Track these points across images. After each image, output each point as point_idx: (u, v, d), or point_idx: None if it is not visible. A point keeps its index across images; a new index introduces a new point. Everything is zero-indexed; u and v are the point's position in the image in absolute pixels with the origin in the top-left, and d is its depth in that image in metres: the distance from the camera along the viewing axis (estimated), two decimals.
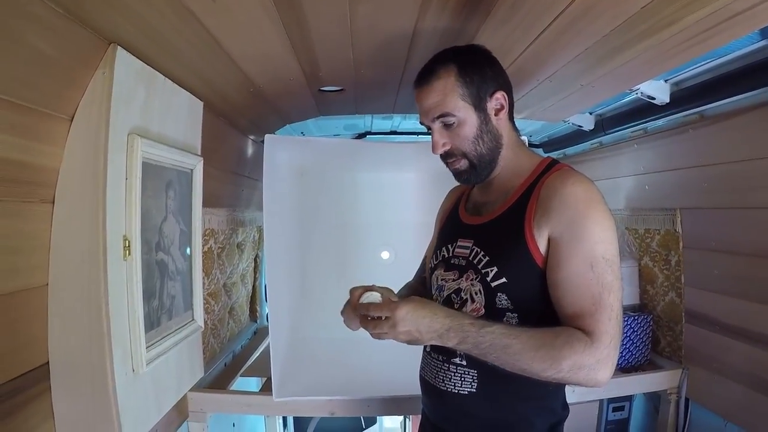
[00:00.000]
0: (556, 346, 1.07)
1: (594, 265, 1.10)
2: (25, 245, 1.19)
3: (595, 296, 1.09)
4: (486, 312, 1.21)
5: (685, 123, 2.10)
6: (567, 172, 1.20)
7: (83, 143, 1.25)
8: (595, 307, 1.09)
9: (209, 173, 1.92)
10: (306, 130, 3.11)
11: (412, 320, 1.12)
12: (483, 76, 1.24)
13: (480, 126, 1.25)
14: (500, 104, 1.27)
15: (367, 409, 2.09)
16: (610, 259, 1.11)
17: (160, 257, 1.57)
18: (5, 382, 1.14)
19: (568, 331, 1.10)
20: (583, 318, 1.10)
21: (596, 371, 1.07)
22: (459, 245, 1.33)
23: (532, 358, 1.08)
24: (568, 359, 1.06)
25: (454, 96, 1.23)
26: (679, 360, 2.31)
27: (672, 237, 2.31)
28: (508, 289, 1.18)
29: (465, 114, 1.24)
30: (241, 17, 1.29)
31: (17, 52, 1.01)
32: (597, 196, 1.14)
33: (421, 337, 1.13)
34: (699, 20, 1.21)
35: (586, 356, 1.06)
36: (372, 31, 1.44)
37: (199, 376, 2.01)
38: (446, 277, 1.33)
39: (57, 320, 1.27)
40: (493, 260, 1.22)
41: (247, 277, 3.16)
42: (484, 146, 1.27)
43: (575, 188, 1.14)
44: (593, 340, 1.07)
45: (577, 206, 1.12)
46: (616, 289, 1.11)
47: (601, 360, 1.07)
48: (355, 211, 2.98)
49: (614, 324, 1.09)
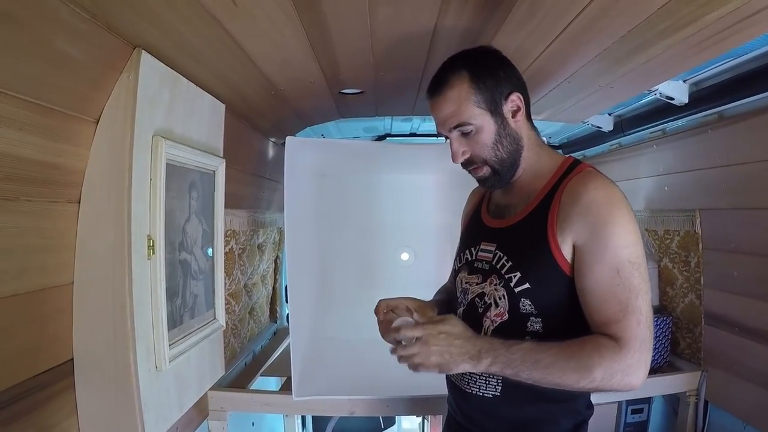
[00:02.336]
0: (585, 356, 1.07)
1: (620, 270, 1.09)
2: (51, 244, 1.22)
3: (622, 302, 1.08)
4: (509, 317, 1.20)
5: (704, 123, 2.08)
6: (588, 174, 1.18)
7: (109, 145, 1.27)
8: (623, 312, 1.08)
9: (231, 175, 1.95)
10: (326, 132, 3.13)
11: (444, 341, 1.11)
12: (496, 79, 1.22)
13: (498, 131, 1.23)
14: (516, 105, 1.24)
15: (387, 409, 2.09)
16: (636, 261, 1.10)
17: (183, 257, 1.60)
18: (31, 378, 1.17)
19: (596, 339, 1.09)
20: (612, 324, 1.09)
21: (629, 376, 1.06)
22: (482, 248, 1.32)
23: (564, 370, 1.07)
24: (599, 367, 1.05)
25: (468, 104, 1.20)
26: (699, 362, 2.28)
27: (691, 238, 2.29)
28: (531, 294, 1.18)
29: (482, 121, 1.21)
30: (262, 21, 1.31)
31: (46, 57, 1.04)
32: (619, 199, 1.13)
33: (453, 359, 1.11)
34: (718, 19, 1.20)
35: (615, 362, 1.06)
36: (392, 32, 1.45)
37: (220, 374, 2.03)
38: (470, 281, 1.33)
39: (82, 318, 1.30)
40: (516, 265, 1.21)
41: (268, 278, 3.19)
42: (504, 150, 1.24)
43: (597, 193, 1.12)
44: (621, 345, 1.06)
45: (599, 212, 1.11)
46: (644, 291, 1.09)
47: (632, 364, 1.06)
48: (375, 212, 2.99)
49: (643, 328, 1.08)
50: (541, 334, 1.17)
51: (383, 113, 2.54)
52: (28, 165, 1.09)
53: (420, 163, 2.81)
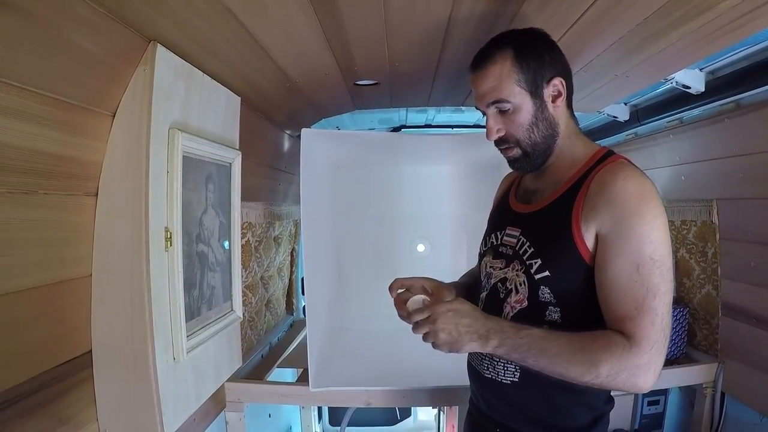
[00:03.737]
0: (593, 350, 1.06)
1: (640, 267, 1.06)
2: (70, 237, 1.24)
3: (638, 300, 1.05)
4: (529, 304, 1.20)
5: (721, 112, 2.05)
6: (620, 165, 1.16)
7: (125, 138, 1.28)
8: (637, 311, 1.05)
9: (247, 167, 1.95)
10: (341, 124, 3.14)
11: (452, 318, 1.12)
12: (541, 61, 1.20)
13: (535, 113, 1.21)
14: (557, 91, 1.22)
15: (403, 399, 2.10)
16: (659, 260, 1.06)
17: (200, 248, 1.61)
18: (50, 369, 1.19)
19: (608, 334, 1.07)
20: (625, 321, 1.06)
21: (636, 377, 1.04)
22: (507, 233, 1.31)
23: (570, 362, 1.07)
24: (605, 363, 1.04)
25: (509, 82, 1.19)
26: (716, 354, 2.26)
27: (708, 228, 2.25)
28: (551, 282, 1.17)
29: (521, 100, 1.20)
30: (276, 13, 1.31)
31: (63, 52, 1.05)
32: (649, 192, 1.09)
33: (461, 338, 1.12)
34: (732, 7, 1.19)
35: (624, 361, 1.04)
36: (406, 22, 1.44)
37: (237, 366, 2.04)
38: (494, 265, 1.32)
39: (100, 309, 1.31)
40: (537, 252, 1.20)
41: (284, 270, 3.20)
42: (538, 134, 1.23)
43: (626, 184, 1.09)
44: (632, 344, 1.04)
45: (626, 203, 1.08)
46: (663, 292, 1.06)
47: (641, 366, 1.04)
48: (391, 204, 2.98)
49: (657, 329, 1.05)
50: (559, 324, 1.16)
51: (398, 104, 2.54)
52: (45, 158, 1.11)
53: (435, 155, 2.80)
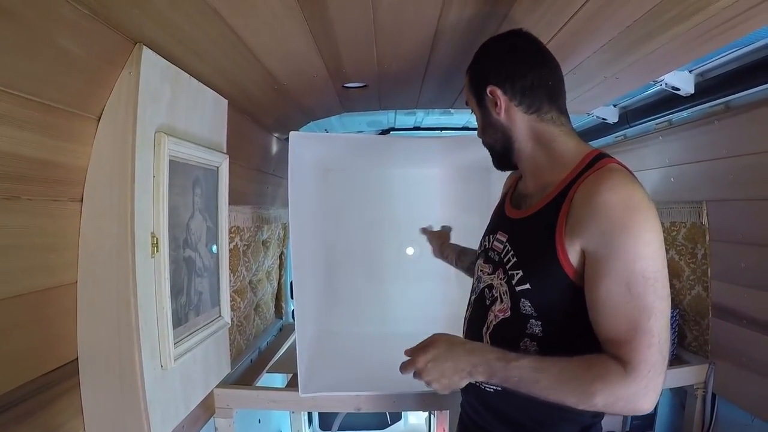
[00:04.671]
0: (588, 380, 1.01)
1: (631, 286, 1.00)
2: (55, 243, 1.21)
3: (631, 321, 1.00)
4: (511, 315, 1.18)
5: (710, 114, 2.06)
6: (607, 172, 1.08)
7: (111, 142, 1.26)
8: (632, 333, 0.99)
9: (234, 171, 1.93)
10: (330, 126, 3.12)
11: (434, 368, 1.12)
12: (480, 71, 1.29)
13: (483, 119, 1.31)
14: (493, 98, 1.23)
15: (393, 404, 2.08)
16: (652, 276, 0.99)
17: (187, 254, 1.59)
18: (36, 378, 1.16)
19: (602, 362, 1.02)
20: (620, 345, 1.01)
21: (635, 402, 0.99)
22: (497, 238, 1.30)
23: (563, 392, 1.03)
24: (601, 393, 0.99)
25: (467, 91, 1.34)
26: (706, 355, 2.26)
27: (698, 230, 2.26)
28: (531, 296, 1.14)
29: (472, 106, 1.34)
30: (264, 14, 1.29)
31: (46, 54, 1.03)
32: (638, 203, 1.02)
33: (452, 381, 1.12)
34: (724, 8, 1.19)
35: (620, 389, 0.99)
36: (395, 24, 1.43)
37: (226, 372, 2.02)
38: (484, 269, 1.32)
39: (86, 317, 1.29)
40: (519, 263, 1.18)
41: (273, 274, 3.18)
42: (489, 138, 1.32)
43: (610, 195, 1.03)
44: (629, 371, 0.99)
45: (612, 217, 1.01)
46: (658, 311, 0.99)
47: (638, 392, 0.98)
48: (380, 207, 2.98)
49: (655, 351, 0.98)
50: (540, 338, 1.13)
51: (387, 107, 2.53)
52: (29, 163, 1.09)
53: (424, 157, 2.80)
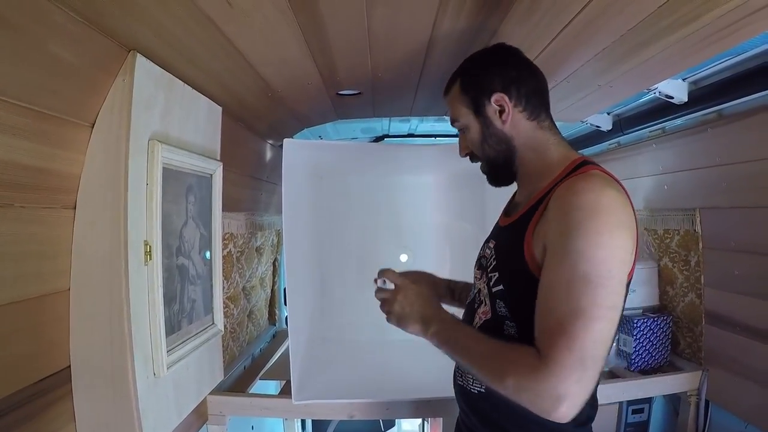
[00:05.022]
0: (504, 360, 1.01)
1: (570, 284, 0.97)
2: (48, 251, 1.21)
3: (558, 318, 0.96)
4: (491, 316, 1.21)
5: (703, 122, 2.07)
6: (585, 177, 1.08)
7: (104, 149, 1.26)
8: (554, 330, 0.96)
9: (228, 178, 1.93)
10: (324, 133, 3.12)
11: (409, 297, 1.26)
12: (480, 80, 1.25)
13: (482, 131, 1.26)
14: (501, 106, 1.22)
15: (387, 412, 2.08)
16: (594, 281, 0.95)
17: (180, 261, 1.58)
18: (29, 386, 1.16)
19: (524, 350, 1.00)
20: (541, 338, 0.98)
21: (543, 399, 0.93)
22: (488, 245, 1.33)
23: (480, 366, 1.08)
24: (511, 377, 0.97)
25: (458, 104, 1.29)
26: (699, 362, 2.27)
27: (691, 237, 2.28)
28: (504, 296, 1.17)
29: (467, 120, 1.28)
30: (258, 22, 1.30)
31: (40, 61, 1.03)
32: (604, 207, 1.00)
33: (408, 315, 1.24)
34: (718, 17, 1.20)
35: (528, 380, 0.95)
36: (389, 33, 1.44)
37: (219, 379, 2.01)
38: (476, 275, 1.36)
39: (79, 324, 1.28)
40: (497, 266, 1.22)
41: (266, 281, 3.17)
42: (490, 150, 1.28)
43: (579, 197, 1.02)
44: (541, 364, 0.94)
45: (573, 216, 1.00)
46: (589, 317, 0.94)
47: (547, 390, 0.92)
48: (373, 214, 2.98)
49: (573, 355, 0.92)
50: (516, 339, 1.12)
51: (381, 114, 2.54)
52: (22, 171, 1.08)
53: (418, 164, 2.80)
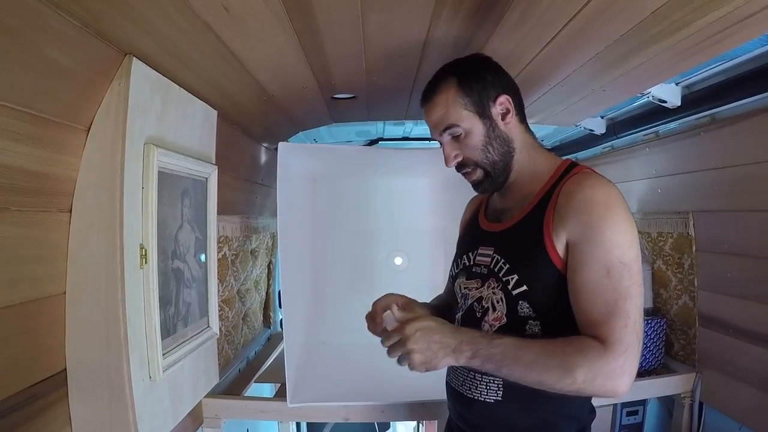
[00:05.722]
0: (568, 354, 1.05)
1: (610, 271, 1.06)
2: (43, 254, 1.21)
3: (609, 303, 1.06)
4: (508, 320, 1.20)
5: (696, 126, 2.09)
6: (585, 175, 1.18)
7: (100, 153, 1.26)
8: (609, 314, 1.05)
9: (223, 181, 1.94)
10: (318, 137, 3.13)
11: (422, 337, 1.09)
12: (483, 82, 1.24)
13: (487, 133, 1.25)
14: (505, 108, 1.25)
15: (382, 414, 2.08)
16: (628, 263, 1.07)
17: (176, 265, 1.58)
18: (24, 389, 1.16)
19: (581, 339, 1.07)
20: (598, 326, 1.06)
21: (612, 380, 1.03)
22: (480, 253, 1.32)
23: (546, 367, 1.06)
24: (581, 368, 1.03)
25: (456, 107, 1.24)
26: (693, 364, 2.28)
27: (685, 240, 2.29)
28: (529, 297, 1.17)
29: (470, 123, 1.24)
30: (254, 26, 1.30)
31: (36, 65, 1.03)
32: (615, 198, 1.11)
33: (435, 355, 1.09)
34: (710, 23, 1.21)
35: (599, 365, 1.03)
36: (384, 38, 1.45)
37: (214, 382, 2.02)
38: (469, 286, 1.32)
39: (75, 328, 1.28)
40: (513, 268, 1.20)
41: (261, 284, 3.17)
42: (495, 153, 1.26)
43: (592, 192, 1.12)
44: (606, 347, 1.04)
45: (593, 210, 1.10)
46: (633, 295, 1.06)
47: (615, 369, 1.03)
48: (368, 217, 2.99)
49: (630, 332, 1.04)
50: (540, 337, 1.16)
51: (376, 117, 2.55)
52: (18, 174, 1.08)
53: (413, 167, 2.81)
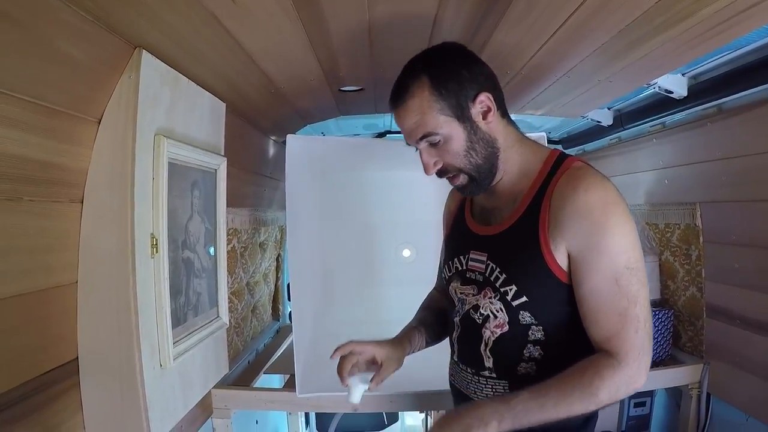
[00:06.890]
0: (586, 382, 1.05)
1: (618, 279, 1.06)
2: (55, 244, 1.23)
3: (621, 312, 1.06)
4: (510, 328, 1.17)
5: (703, 116, 2.07)
6: (578, 172, 1.12)
7: (111, 144, 1.28)
8: (621, 324, 1.06)
9: (232, 173, 1.95)
10: (326, 129, 3.13)
11: None
12: (459, 80, 1.13)
13: (468, 137, 1.15)
14: (486, 106, 1.15)
15: (390, 404, 2.09)
16: (634, 266, 1.06)
17: (186, 255, 1.60)
18: (36, 377, 1.18)
19: (594, 362, 1.07)
20: (611, 339, 1.07)
21: (633, 384, 1.06)
22: (472, 258, 1.27)
23: (569, 403, 1.04)
24: (602, 389, 1.04)
25: (432, 112, 1.13)
26: (701, 355, 2.28)
27: (692, 231, 2.28)
28: (530, 307, 1.15)
29: (449, 129, 1.14)
30: (260, 18, 1.31)
31: (48, 58, 1.05)
32: (613, 199, 1.08)
33: None
34: (714, 13, 1.21)
35: (617, 378, 1.05)
36: (390, 28, 1.45)
37: (224, 372, 2.04)
38: (465, 291, 1.28)
39: (86, 316, 1.31)
40: (511, 278, 1.16)
41: (270, 276, 3.19)
42: (478, 156, 1.17)
43: (588, 196, 1.07)
44: (620, 359, 1.05)
45: (592, 216, 1.06)
46: (642, 297, 1.07)
47: (633, 375, 1.05)
48: (376, 209, 2.99)
49: (642, 335, 1.06)
50: (543, 341, 1.15)
51: (383, 110, 2.54)
52: (30, 165, 1.10)
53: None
